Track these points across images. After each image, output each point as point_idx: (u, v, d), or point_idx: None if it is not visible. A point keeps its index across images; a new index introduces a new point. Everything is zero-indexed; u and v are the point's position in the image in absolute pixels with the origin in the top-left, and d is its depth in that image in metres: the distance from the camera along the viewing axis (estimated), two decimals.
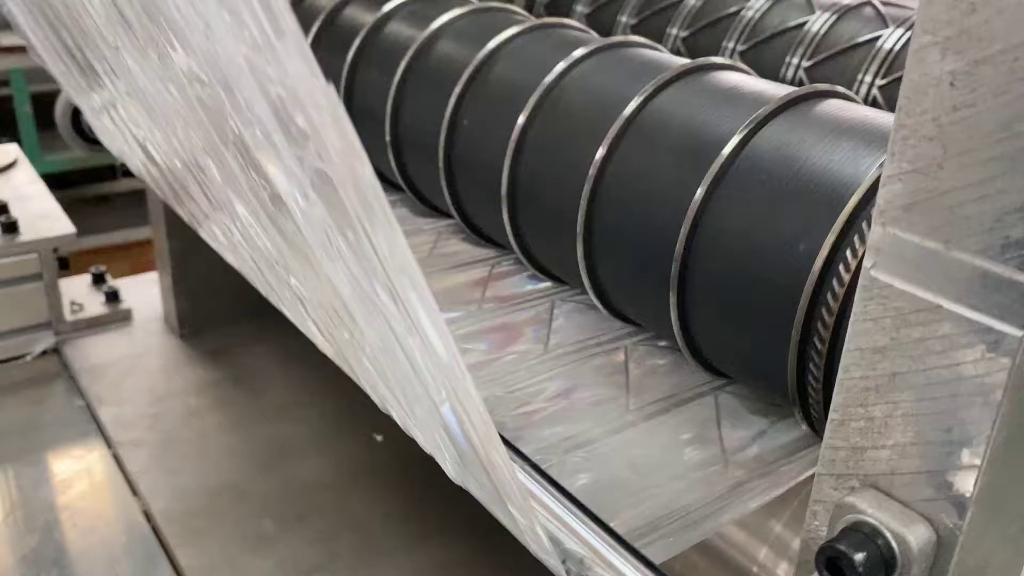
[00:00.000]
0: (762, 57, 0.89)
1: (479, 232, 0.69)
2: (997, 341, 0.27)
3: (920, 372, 0.29)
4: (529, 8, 1.14)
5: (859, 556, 0.29)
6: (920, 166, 0.28)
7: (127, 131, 0.71)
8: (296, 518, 0.80)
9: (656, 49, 0.63)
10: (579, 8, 1.07)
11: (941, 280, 0.28)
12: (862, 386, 0.31)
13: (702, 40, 0.94)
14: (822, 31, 0.84)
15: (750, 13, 0.91)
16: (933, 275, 0.28)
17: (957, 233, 0.27)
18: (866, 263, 0.30)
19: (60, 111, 0.93)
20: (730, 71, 0.57)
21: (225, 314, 1.07)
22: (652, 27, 0.99)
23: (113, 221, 2.65)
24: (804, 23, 0.86)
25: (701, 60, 0.57)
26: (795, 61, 0.85)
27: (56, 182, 2.57)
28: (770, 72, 0.87)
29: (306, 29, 0.82)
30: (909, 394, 0.30)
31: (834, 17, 0.85)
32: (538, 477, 0.42)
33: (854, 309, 0.31)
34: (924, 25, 0.27)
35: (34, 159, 2.51)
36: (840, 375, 0.32)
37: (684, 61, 0.57)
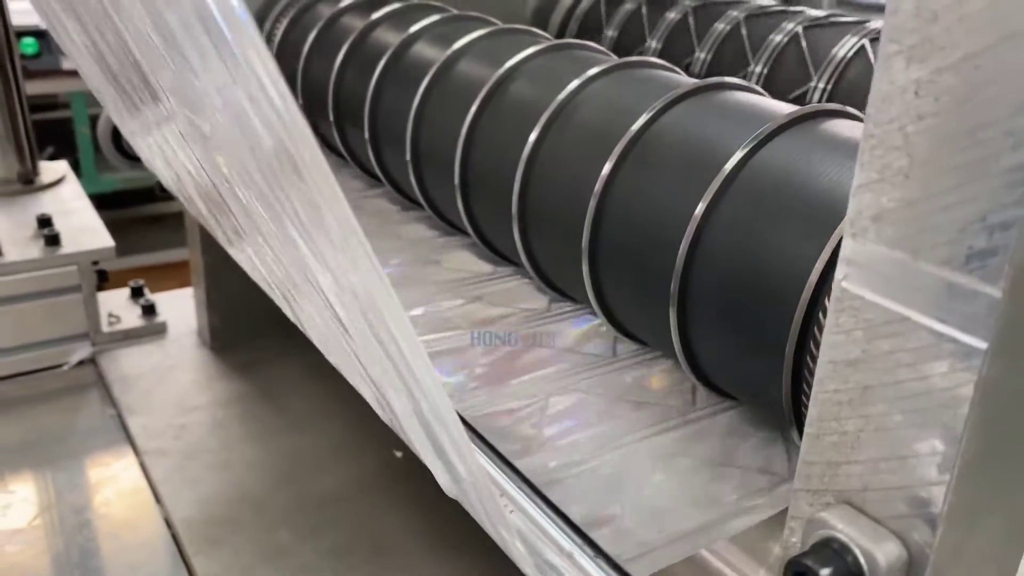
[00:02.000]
0: (785, 81, 0.89)
1: (495, 250, 0.69)
2: (963, 353, 0.27)
3: (891, 385, 0.29)
4: (561, 32, 1.15)
5: (825, 571, 0.29)
6: (887, 176, 0.28)
7: (162, 154, 0.73)
8: (312, 530, 0.80)
9: (671, 70, 0.63)
10: (609, 32, 1.08)
11: (909, 291, 0.28)
12: (835, 399, 0.31)
13: (728, 64, 0.94)
14: (848, 55, 0.83)
15: (778, 37, 0.91)
16: (901, 286, 0.28)
17: (923, 243, 0.27)
18: (837, 275, 0.30)
19: (102, 129, 0.97)
20: (742, 91, 0.57)
21: (255, 328, 1.09)
22: (678, 51, 1.00)
23: (167, 239, 2.71)
24: (831, 48, 0.85)
25: (713, 79, 0.57)
26: (820, 86, 0.84)
27: (112, 201, 2.66)
28: (795, 98, 0.87)
29: (337, 50, 0.84)
30: (881, 408, 0.30)
31: (864, 41, 0.85)
32: (524, 487, 0.43)
33: (827, 321, 0.31)
34: (890, 34, 0.27)
35: (91, 178, 2.60)
36: (815, 388, 0.32)
37: (696, 80, 0.57)
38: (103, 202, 2.66)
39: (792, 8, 0.99)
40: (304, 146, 0.29)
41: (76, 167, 2.60)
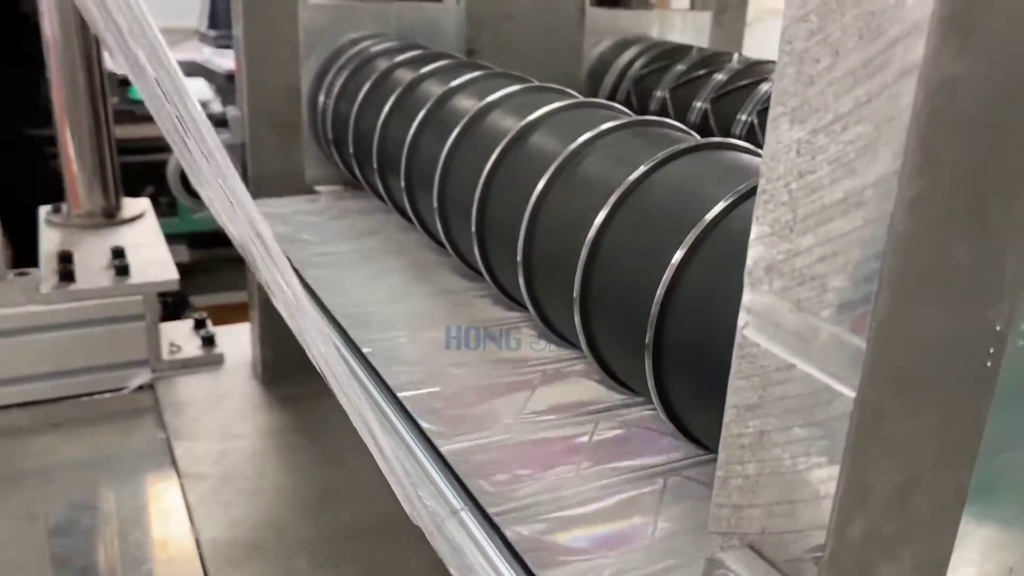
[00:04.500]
0: None
1: (506, 292, 0.72)
2: (837, 401, 0.28)
3: (783, 431, 0.30)
4: (614, 93, 1.18)
5: None
6: (777, 229, 0.29)
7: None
8: (329, 560, 0.83)
9: (684, 131, 0.65)
10: (658, 93, 1.10)
11: (794, 340, 0.29)
12: (739, 443, 0.32)
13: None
14: None
15: None
16: (789, 335, 0.29)
17: (805, 294, 0.28)
18: (739, 322, 0.31)
19: (171, 169, 1.07)
20: (743, 152, 0.58)
21: (304, 364, 1.13)
22: (725, 113, 1.01)
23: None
24: None
25: (716, 139, 0.59)
26: None
27: (206, 240, 2.79)
28: None
29: (385, 101, 0.89)
30: (775, 452, 0.31)
31: None
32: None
33: (732, 367, 0.32)
34: (777, 97, 0.28)
35: (185, 217, 2.74)
36: (723, 432, 0.33)
37: (700, 139, 0.59)
38: (197, 241, 2.80)
39: None
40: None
41: (173, 206, 2.75)
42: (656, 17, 1.28)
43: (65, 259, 1.12)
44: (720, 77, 1.05)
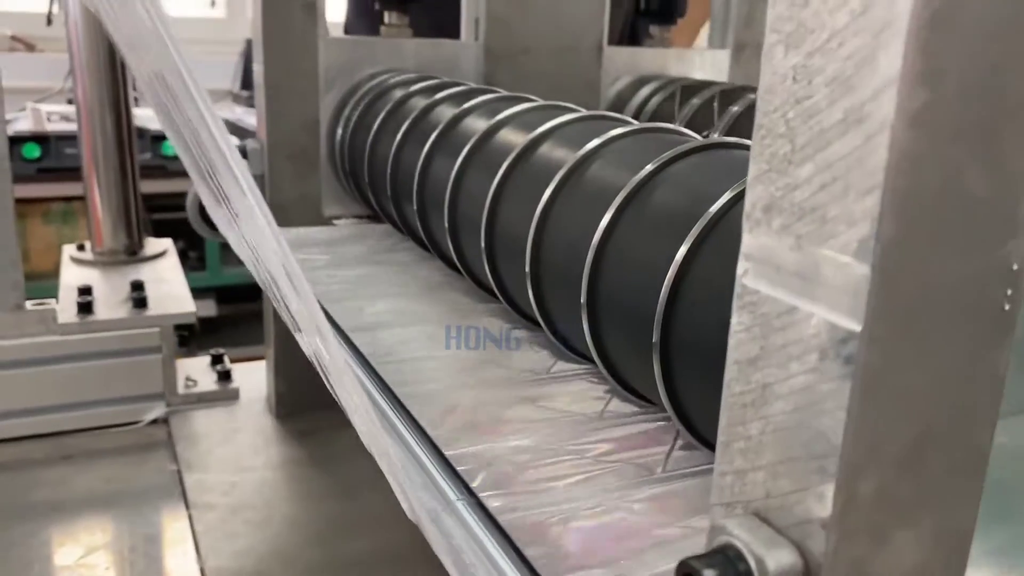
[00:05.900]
0: None
1: (518, 308, 0.70)
2: (844, 340, 0.26)
3: (784, 381, 0.28)
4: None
5: (709, 573, 0.28)
6: (775, 164, 0.28)
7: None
8: None
9: (688, 135, 0.64)
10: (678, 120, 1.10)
11: (796, 280, 0.27)
12: (740, 402, 0.30)
13: None
14: None
15: None
16: (790, 275, 0.28)
17: (806, 227, 0.27)
18: (739, 271, 0.30)
19: (190, 203, 1.08)
20: (748, 150, 0.57)
21: (319, 400, 1.12)
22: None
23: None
24: None
25: (721, 139, 0.58)
26: None
27: (234, 294, 2.80)
28: None
29: (398, 129, 0.89)
30: (778, 406, 0.29)
31: None
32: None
33: (732, 320, 0.30)
34: (772, 24, 0.27)
35: (215, 271, 2.77)
36: (724, 392, 0.31)
37: (704, 139, 0.58)
38: (225, 295, 2.82)
39: None
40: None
41: (202, 260, 2.78)
42: (674, 55, 1.28)
43: (84, 291, 1.12)
44: (735, 109, 1.04)
